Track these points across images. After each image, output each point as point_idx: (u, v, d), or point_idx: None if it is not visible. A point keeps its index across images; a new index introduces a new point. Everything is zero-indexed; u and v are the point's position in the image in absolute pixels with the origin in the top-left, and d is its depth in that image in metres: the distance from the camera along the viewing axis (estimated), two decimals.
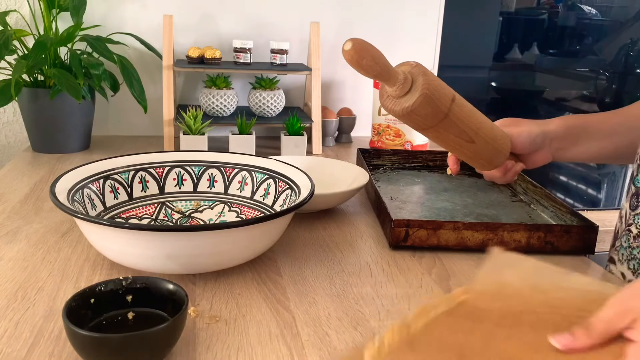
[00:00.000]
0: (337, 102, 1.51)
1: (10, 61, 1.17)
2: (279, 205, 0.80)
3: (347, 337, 0.58)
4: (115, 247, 0.65)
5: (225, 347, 0.55)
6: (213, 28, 1.39)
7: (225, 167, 0.87)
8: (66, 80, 1.09)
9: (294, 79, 1.47)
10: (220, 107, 1.28)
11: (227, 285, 0.67)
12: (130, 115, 1.39)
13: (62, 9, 1.21)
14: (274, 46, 1.31)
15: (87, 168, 0.77)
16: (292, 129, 1.24)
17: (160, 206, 0.84)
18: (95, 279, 0.67)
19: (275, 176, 0.83)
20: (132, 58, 1.29)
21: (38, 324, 0.57)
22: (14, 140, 1.39)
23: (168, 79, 1.25)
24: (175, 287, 0.55)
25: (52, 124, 1.19)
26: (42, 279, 0.67)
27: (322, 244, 0.81)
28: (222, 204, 0.85)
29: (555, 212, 0.92)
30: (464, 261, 0.77)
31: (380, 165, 1.17)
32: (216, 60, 1.27)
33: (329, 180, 0.96)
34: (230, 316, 0.61)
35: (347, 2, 1.45)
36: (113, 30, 1.31)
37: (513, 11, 1.70)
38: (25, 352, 0.53)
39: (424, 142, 1.32)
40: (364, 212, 0.95)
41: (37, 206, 0.90)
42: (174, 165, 0.86)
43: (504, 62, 1.67)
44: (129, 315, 0.55)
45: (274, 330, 0.58)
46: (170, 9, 1.33)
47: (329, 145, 1.40)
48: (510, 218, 0.92)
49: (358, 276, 0.71)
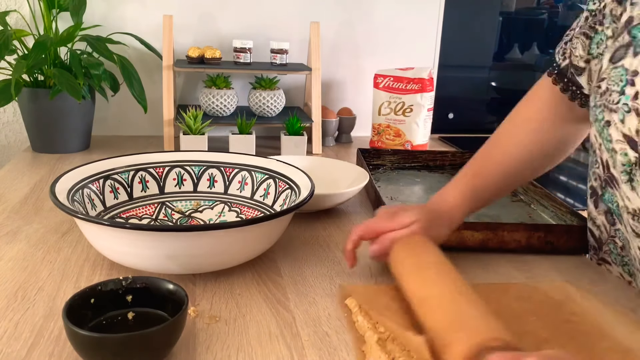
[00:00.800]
0: (337, 102, 1.51)
1: (10, 61, 1.17)
2: (279, 205, 0.80)
3: (347, 337, 0.58)
4: (115, 247, 0.65)
5: (225, 347, 0.55)
6: (213, 28, 1.39)
7: (225, 167, 0.87)
8: (66, 80, 1.09)
9: (294, 78, 1.47)
10: (220, 107, 1.28)
11: (227, 285, 0.67)
12: (130, 115, 1.39)
13: (62, 9, 1.21)
14: (274, 46, 1.31)
15: (87, 168, 0.77)
16: (292, 129, 1.24)
17: (160, 206, 0.83)
18: (95, 279, 0.67)
19: (275, 176, 0.83)
20: (132, 58, 1.29)
21: (38, 324, 0.57)
22: (14, 140, 1.39)
23: (168, 79, 1.25)
24: (175, 287, 0.55)
25: (52, 124, 1.19)
26: (42, 279, 0.67)
27: (322, 244, 0.81)
28: (222, 204, 0.85)
29: (555, 212, 0.91)
30: (464, 261, 0.77)
31: (380, 165, 1.17)
32: (216, 60, 1.27)
33: (329, 180, 0.96)
34: (230, 316, 0.61)
35: (347, 2, 1.45)
36: (113, 30, 1.31)
37: (513, 11, 1.70)
38: (25, 352, 0.53)
39: (424, 142, 1.32)
40: (364, 212, 0.95)
41: (37, 206, 0.90)
42: (174, 165, 0.86)
43: (504, 62, 1.67)
44: (129, 315, 0.55)
45: (274, 330, 0.58)
46: (170, 9, 1.33)
47: (329, 145, 1.40)
48: (510, 218, 0.92)
49: (358, 276, 0.71)
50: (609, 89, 0.62)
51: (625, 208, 0.63)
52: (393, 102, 1.30)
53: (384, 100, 1.31)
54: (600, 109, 0.64)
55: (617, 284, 0.72)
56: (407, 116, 1.29)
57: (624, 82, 0.60)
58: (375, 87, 1.32)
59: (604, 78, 0.64)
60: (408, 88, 1.28)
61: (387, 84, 1.30)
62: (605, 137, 0.63)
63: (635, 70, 0.60)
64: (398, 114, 1.30)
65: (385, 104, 1.31)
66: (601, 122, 0.64)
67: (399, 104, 1.29)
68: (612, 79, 0.62)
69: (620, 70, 0.61)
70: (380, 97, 1.31)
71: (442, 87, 1.54)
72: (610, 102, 0.62)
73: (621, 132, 0.60)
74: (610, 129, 0.62)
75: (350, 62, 1.50)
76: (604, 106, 0.63)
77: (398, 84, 1.29)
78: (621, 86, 0.60)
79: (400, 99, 1.29)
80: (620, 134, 0.61)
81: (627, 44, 0.62)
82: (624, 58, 0.61)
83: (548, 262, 0.78)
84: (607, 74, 0.64)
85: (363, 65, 1.49)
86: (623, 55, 0.62)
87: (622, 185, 0.62)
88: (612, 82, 0.62)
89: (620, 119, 0.60)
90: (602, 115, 0.63)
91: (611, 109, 0.61)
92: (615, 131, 0.61)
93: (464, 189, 0.73)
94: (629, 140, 0.60)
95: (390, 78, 1.30)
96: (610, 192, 0.66)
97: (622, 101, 0.60)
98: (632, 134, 0.59)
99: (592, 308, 0.62)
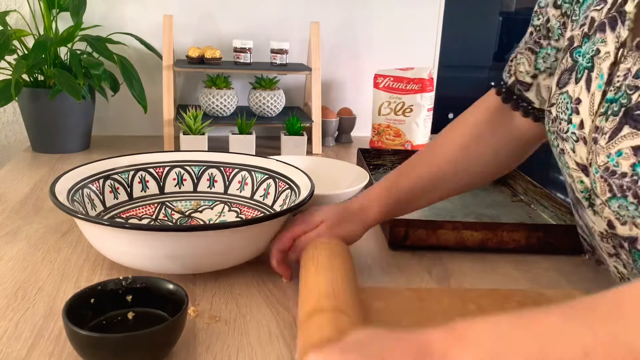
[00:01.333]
0: (337, 102, 1.51)
1: (10, 61, 1.17)
2: (278, 205, 0.80)
3: None
4: (115, 247, 0.65)
5: (225, 347, 0.55)
6: (213, 28, 1.39)
7: (225, 167, 0.87)
8: (66, 80, 1.09)
9: (294, 78, 1.47)
10: (220, 107, 1.28)
11: (227, 285, 0.67)
12: (130, 115, 1.39)
13: (62, 9, 1.21)
14: (274, 46, 1.31)
15: (87, 168, 0.77)
16: (292, 129, 1.24)
17: (160, 206, 0.83)
18: (95, 279, 0.67)
19: (275, 176, 0.83)
20: (132, 58, 1.29)
21: (38, 324, 0.57)
22: (14, 140, 1.39)
23: (168, 79, 1.25)
24: (175, 287, 0.55)
25: (52, 124, 1.19)
26: (42, 279, 0.67)
27: None
28: (222, 204, 0.85)
29: (555, 212, 0.92)
30: (464, 261, 0.77)
31: (380, 165, 1.17)
32: (216, 60, 1.27)
33: (329, 180, 0.96)
34: (230, 316, 0.61)
35: (347, 2, 1.45)
36: (113, 30, 1.31)
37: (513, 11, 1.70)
38: (25, 352, 0.53)
39: (424, 142, 1.32)
40: None
41: (37, 206, 0.90)
42: (174, 165, 0.86)
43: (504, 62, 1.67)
44: (129, 315, 0.55)
45: (274, 331, 0.58)
46: (170, 9, 1.33)
47: (329, 145, 1.40)
48: (510, 218, 0.92)
49: (358, 276, 0.71)
50: (558, 116, 0.62)
51: (595, 229, 0.62)
52: (393, 102, 1.30)
53: (384, 100, 1.31)
54: (554, 135, 0.64)
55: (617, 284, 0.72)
56: (407, 116, 1.29)
57: (569, 111, 0.59)
58: (375, 87, 1.32)
59: (553, 103, 0.63)
60: (408, 88, 1.28)
61: (387, 84, 1.30)
62: (564, 164, 0.63)
63: (577, 98, 0.59)
64: (398, 114, 1.30)
65: (385, 104, 1.31)
66: (557, 149, 0.64)
67: (399, 104, 1.29)
68: (559, 105, 0.62)
69: (565, 96, 0.61)
70: (380, 97, 1.31)
71: (442, 87, 1.54)
72: (561, 130, 0.61)
73: (574, 160, 0.60)
74: (565, 157, 0.62)
75: (350, 62, 1.50)
76: (557, 134, 0.63)
77: (398, 84, 1.29)
78: (568, 115, 0.60)
79: (400, 99, 1.29)
80: (574, 162, 0.60)
81: (569, 68, 0.61)
82: (568, 84, 0.61)
83: (548, 262, 0.78)
84: (555, 99, 0.63)
85: (363, 65, 1.49)
86: (567, 80, 0.61)
87: (586, 210, 0.62)
88: (560, 110, 0.61)
89: (571, 147, 0.60)
90: (557, 142, 0.63)
91: (563, 138, 0.61)
92: (570, 159, 0.61)
93: (383, 188, 0.73)
94: (582, 168, 0.59)
95: (390, 78, 1.30)
96: (582, 213, 0.65)
97: (571, 130, 0.59)
98: (584, 162, 0.58)
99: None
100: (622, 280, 0.65)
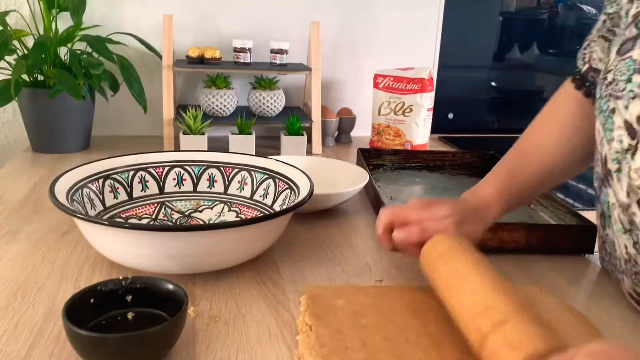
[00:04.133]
0: (337, 102, 1.51)
1: (10, 61, 1.17)
2: (278, 205, 0.80)
3: None
4: (115, 247, 0.65)
5: (225, 347, 0.55)
6: (213, 28, 1.39)
7: (225, 167, 0.87)
8: (66, 80, 1.09)
9: (294, 78, 1.47)
10: (220, 107, 1.28)
11: (227, 285, 0.67)
12: (130, 115, 1.39)
13: (62, 9, 1.21)
14: (274, 46, 1.31)
15: (86, 168, 0.77)
16: (292, 129, 1.24)
17: (160, 206, 0.84)
18: (95, 279, 0.67)
19: (274, 176, 0.83)
20: (132, 58, 1.29)
21: (38, 324, 0.57)
22: (14, 140, 1.39)
23: (168, 79, 1.25)
24: (174, 287, 0.55)
25: (52, 124, 1.19)
26: (42, 279, 0.67)
27: (322, 244, 0.81)
28: (222, 204, 0.85)
29: (555, 212, 0.91)
30: None
31: (380, 165, 1.17)
32: (216, 60, 1.27)
33: (329, 180, 0.96)
34: (230, 316, 0.61)
35: (347, 2, 1.45)
36: (113, 30, 1.31)
37: (513, 11, 1.70)
38: (25, 352, 0.53)
39: (424, 142, 1.32)
40: (364, 212, 0.95)
41: (37, 206, 0.90)
42: (173, 165, 0.86)
43: (504, 62, 1.67)
44: (128, 315, 0.55)
45: (274, 330, 0.58)
46: (170, 9, 1.33)
47: (329, 145, 1.40)
48: (510, 218, 0.92)
49: (358, 276, 0.71)
50: (616, 79, 0.63)
51: (616, 202, 0.63)
52: (393, 102, 1.30)
53: (383, 100, 1.31)
54: (605, 99, 0.65)
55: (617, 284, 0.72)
56: (407, 116, 1.29)
57: (631, 71, 0.61)
58: (375, 87, 1.32)
59: (610, 70, 0.65)
60: (408, 88, 1.28)
61: (387, 84, 1.30)
62: (607, 128, 0.64)
63: None
64: (398, 114, 1.30)
65: (385, 104, 1.31)
66: (606, 112, 0.65)
67: (399, 104, 1.29)
68: (619, 70, 0.63)
69: (628, 61, 0.62)
70: (380, 97, 1.31)
71: (442, 87, 1.54)
72: (617, 90, 0.63)
73: (623, 118, 0.61)
74: (614, 117, 0.63)
75: (350, 62, 1.50)
76: (610, 95, 0.64)
77: (398, 84, 1.29)
78: (628, 75, 0.61)
79: (400, 99, 1.29)
80: (622, 120, 0.61)
81: (633, 37, 0.63)
82: (632, 50, 0.62)
83: (548, 262, 0.78)
84: (614, 66, 0.64)
85: (363, 65, 1.49)
86: (630, 47, 0.63)
87: (614, 178, 0.63)
88: (618, 73, 0.63)
89: (624, 105, 0.61)
90: (607, 104, 0.64)
91: (617, 97, 0.62)
92: (619, 117, 0.62)
93: (499, 186, 0.73)
94: (627, 127, 0.60)
95: (390, 78, 1.30)
96: (605, 192, 0.66)
97: (628, 88, 0.61)
98: (633, 119, 0.60)
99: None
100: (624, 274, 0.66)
